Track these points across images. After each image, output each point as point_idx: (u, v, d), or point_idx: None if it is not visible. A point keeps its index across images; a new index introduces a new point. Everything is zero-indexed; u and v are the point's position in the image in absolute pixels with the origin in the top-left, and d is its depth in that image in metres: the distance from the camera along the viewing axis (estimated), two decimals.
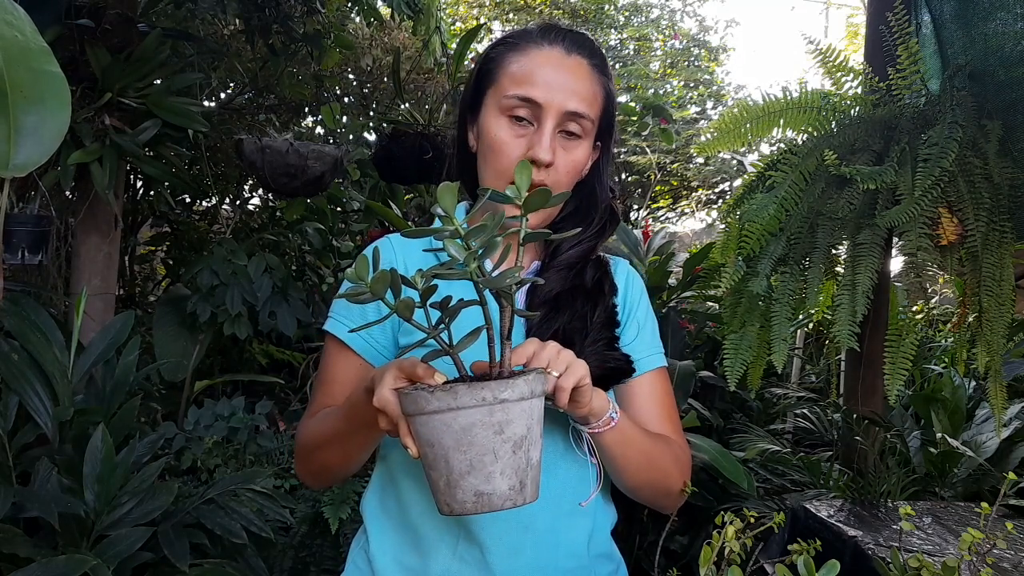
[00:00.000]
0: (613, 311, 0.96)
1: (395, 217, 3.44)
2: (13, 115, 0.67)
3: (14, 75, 0.67)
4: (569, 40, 0.91)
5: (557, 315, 0.90)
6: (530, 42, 0.91)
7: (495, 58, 0.93)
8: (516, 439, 0.64)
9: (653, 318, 1.04)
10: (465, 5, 8.34)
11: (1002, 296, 1.51)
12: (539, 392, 0.66)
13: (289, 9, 3.24)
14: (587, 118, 0.89)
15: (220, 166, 4.00)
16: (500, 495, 0.63)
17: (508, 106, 0.88)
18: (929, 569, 0.80)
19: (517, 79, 0.88)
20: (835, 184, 1.63)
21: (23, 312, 1.81)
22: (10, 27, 0.69)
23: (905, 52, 1.67)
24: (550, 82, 0.87)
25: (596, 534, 0.96)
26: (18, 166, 0.69)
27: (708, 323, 2.70)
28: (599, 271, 0.97)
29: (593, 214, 0.98)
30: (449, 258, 0.64)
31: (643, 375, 0.97)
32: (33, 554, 1.35)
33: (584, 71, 0.90)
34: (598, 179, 0.99)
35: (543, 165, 0.86)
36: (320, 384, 0.98)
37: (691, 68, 9.25)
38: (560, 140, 0.89)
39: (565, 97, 0.87)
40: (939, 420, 2.33)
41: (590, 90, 0.90)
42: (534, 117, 0.88)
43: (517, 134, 0.88)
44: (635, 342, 0.98)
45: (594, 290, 0.95)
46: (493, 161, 0.90)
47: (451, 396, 0.62)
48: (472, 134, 0.96)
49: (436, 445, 0.64)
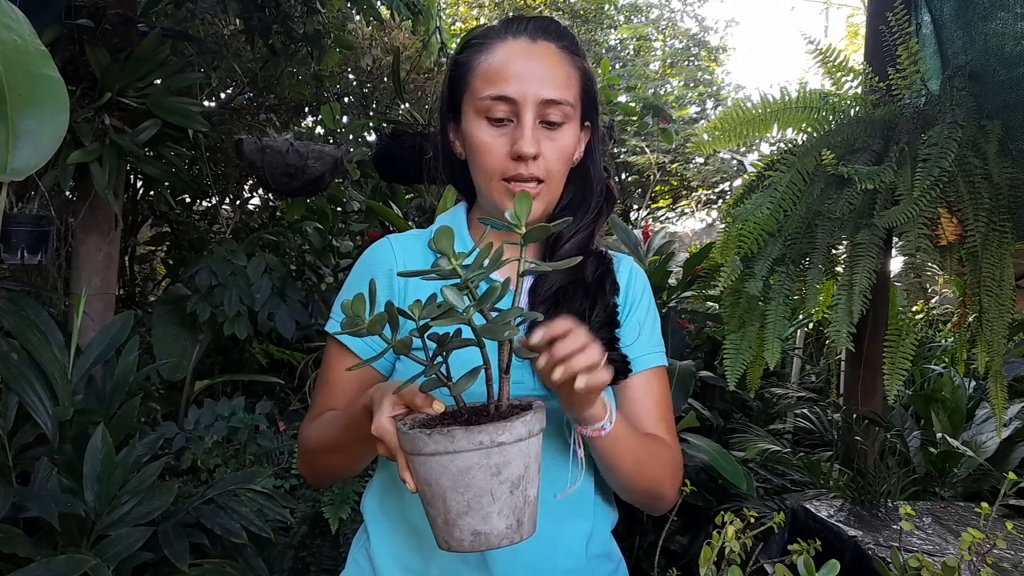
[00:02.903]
0: (613, 310, 0.95)
1: (395, 217, 3.44)
2: (11, 119, 0.67)
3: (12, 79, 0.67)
4: (533, 27, 0.91)
5: (557, 311, 0.89)
6: (494, 39, 0.90)
7: (464, 63, 0.92)
8: (513, 479, 0.64)
9: (655, 315, 1.03)
10: (465, 5, 8.34)
11: (1002, 296, 1.51)
12: (536, 431, 0.66)
13: (289, 9, 3.24)
14: (565, 103, 0.88)
15: (220, 166, 4.00)
16: (497, 534, 0.64)
17: (484, 108, 0.88)
18: (929, 569, 0.80)
19: (488, 79, 0.88)
20: (834, 184, 1.62)
21: (23, 312, 1.81)
22: (8, 31, 0.69)
23: (905, 52, 1.67)
24: (521, 74, 0.87)
25: (595, 535, 0.96)
26: (16, 170, 0.69)
27: (708, 323, 2.70)
28: (601, 266, 0.96)
29: (589, 198, 0.96)
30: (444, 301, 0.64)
31: (640, 373, 0.96)
32: (33, 554, 1.35)
33: (553, 56, 0.89)
34: (592, 161, 0.97)
35: (529, 158, 0.86)
36: (321, 385, 0.98)
37: (691, 68, 9.25)
38: (543, 131, 0.88)
39: (538, 87, 0.86)
40: (939, 420, 2.33)
41: (563, 74, 0.89)
42: (512, 113, 0.87)
43: (499, 133, 0.88)
44: (636, 342, 0.97)
45: (595, 286, 0.94)
46: (480, 164, 0.89)
47: (448, 440, 0.62)
48: (458, 141, 0.95)
49: (434, 485, 0.65)
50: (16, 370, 1.70)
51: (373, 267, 0.96)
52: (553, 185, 0.91)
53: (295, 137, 3.97)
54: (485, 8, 8.13)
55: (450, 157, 0.98)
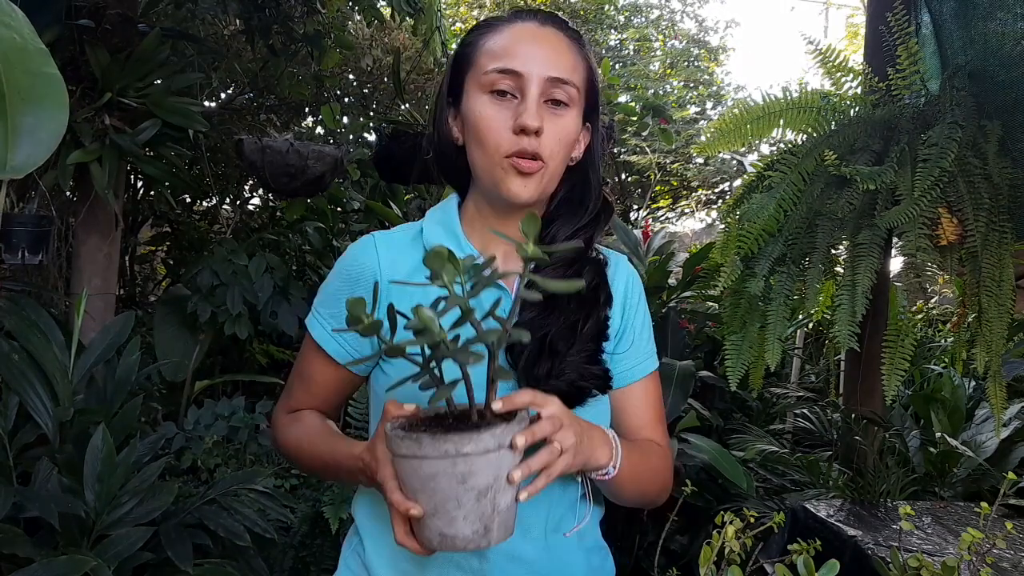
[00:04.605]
0: (604, 323, 0.93)
1: (395, 217, 3.44)
2: (11, 117, 0.68)
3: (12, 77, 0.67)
4: (542, 15, 0.92)
5: (549, 318, 0.88)
6: (502, 22, 0.91)
7: (471, 42, 0.91)
8: (480, 488, 0.65)
9: (649, 319, 1.02)
10: (465, 6, 8.34)
11: (1002, 296, 1.51)
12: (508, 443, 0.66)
13: (289, 9, 3.24)
14: (571, 84, 0.87)
15: (220, 166, 4.01)
16: (463, 539, 0.66)
17: (489, 81, 0.86)
18: (929, 569, 0.80)
19: (495, 54, 0.87)
20: (834, 184, 1.63)
21: (23, 312, 1.81)
22: (8, 29, 0.69)
23: (905, 52, 1.67)
24: (528, 52, 0.86)
25: (588, 530, 0.97)
26: (15, 168, 0.69)
27: (708, 323, 2.70)
28: (596, 277, 0.95)
29: (588, 201, 0.95)
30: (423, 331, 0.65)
31: (638, 382, 0.97)
32: (33, 554, 1.35)
33: (561, 42, 0.89)
34: (591, 163, 0.96)
35: (532, 132, 0.84)
36: (299, 376, 0.98)
37: (691, 68, 9.25)
38: (547, 109, 0.87)
39: (545, 65, 0.86)
40: (939, 420, 2.33)
41: (570, 59, 0.89)
42: (517, 89, 0.86)
43: (502, 107, 0.86)
44: (631, 350, 0.97)
45: (589, 297, 0.92)
46: (482, 140, 0.87)
47: (416, 445, 0.64)
48: (455, 127, 0.93)
49: (406, 484, 0.68)
50: (17, 370, 1.70)
51: (354, 271, 0.93)
52: (552, 167, 0.88)
53: (295, 137, 3.97)
54: (485, 8, 8.13)
55: (445, 146, 0.96)
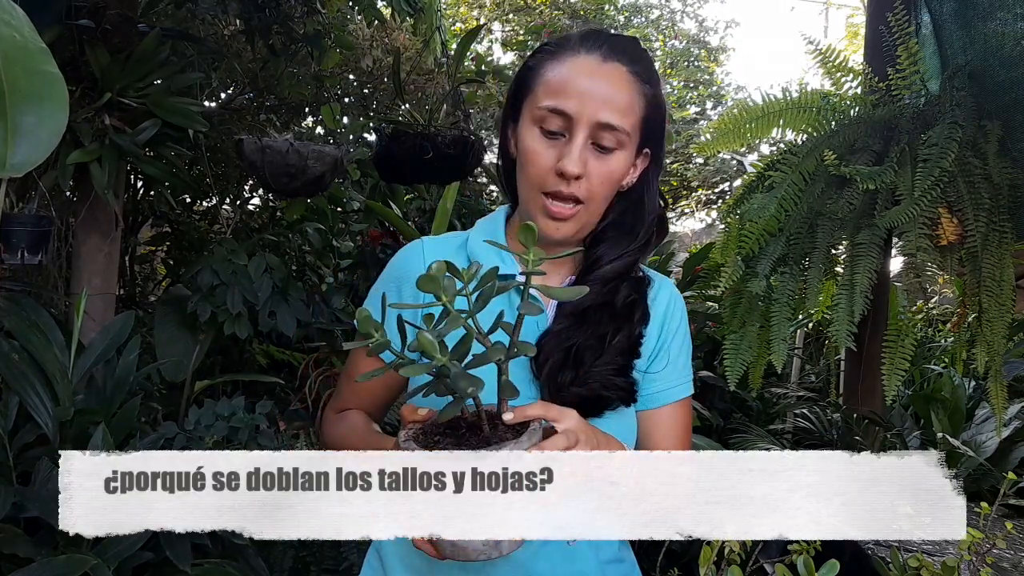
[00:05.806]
0: (636, 340, 0.93)
1: (395, 217, 3.45)
2: (11, 115, 0.68)
3: (12, 75, 0.67)
4: (608, 46, 0.89)
5: (578, 330, 0.89)
6: (567, 49, 0.89)
7: (533, 67, 0.91)
8: None
9: (689, 344, 1.01)
10: (466, 6, 8.34)
11: (1002, 296, 1.51)
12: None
13: (289, 9, 3.24)
14: (621, 130, 0.86)
15: (220, 166, 4.00)
16: (474, 550, 0.67)
17: (540, 117, 0.87)
18: (929, 569, 0.80)
19: (551, 89, 0.87)
20: (835, 184, 1.63)
21: (23, 312, 1.81)
22: (9, 27, 0.69)
23: (905, 52, 1.67)
24: (583, 92, 0.85)
25: (603, 544, 0.96)
26: (16, 166, 0.69)
27: (708, 323, 2.70)
28: (634, 293, 0.94)
29: (639, 227, 0.95)
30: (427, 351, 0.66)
31: (668, 405, 0.97)
32: (33, 554, 1.35)
33: (621, 79, 0.87)
34: (647, 188, 0.95)
35: (572, 177, 0.85)
36: (347, 378, 1.02)
37: (691, 68, 9.25)
38: (592, 152, 0.87)
39: (596, 108, 0.85)
40: (939, 420, 2.33)
41: (627, 99, 0.87)
42: (565, 128, 0.86)
43: (549, 145, 0.87)
44: (664, 371, 0.96)
45: (622, 312, 0.92)
46: (526, 172, 0.89)
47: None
48: (514, 141, 0.95)
49: None
50: (17, 370, 1.70)
51: (400, 272, 0.97)
52: (593, 207, 0.90)
53: (295, 137, 3.97)
54: (485, 8, 8.13)
55: (505, 154, 0.98)
